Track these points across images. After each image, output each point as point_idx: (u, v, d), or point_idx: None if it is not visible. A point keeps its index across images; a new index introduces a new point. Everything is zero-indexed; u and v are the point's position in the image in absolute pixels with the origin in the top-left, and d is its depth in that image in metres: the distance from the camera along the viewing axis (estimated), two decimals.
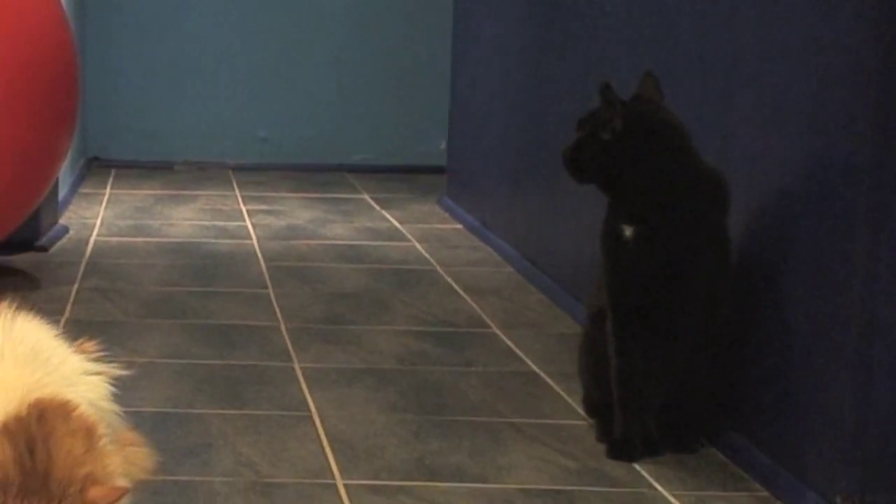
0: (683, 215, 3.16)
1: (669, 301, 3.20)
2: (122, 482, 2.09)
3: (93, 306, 4.54)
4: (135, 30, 8.14)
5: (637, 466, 3.19)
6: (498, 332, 4.41)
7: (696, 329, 3.22)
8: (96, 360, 2.36)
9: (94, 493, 2.01)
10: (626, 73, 4.25)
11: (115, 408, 2.34)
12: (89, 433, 2.11)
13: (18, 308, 2.37)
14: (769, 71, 3.22)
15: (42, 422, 2.09)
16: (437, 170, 7.53)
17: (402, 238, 6.07)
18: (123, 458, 2.37)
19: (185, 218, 6.42)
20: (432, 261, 5.56)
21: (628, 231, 3.19)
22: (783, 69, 3.15)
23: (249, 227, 6.23)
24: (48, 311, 4.31)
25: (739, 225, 3.28)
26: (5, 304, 2.36)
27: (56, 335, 2.35)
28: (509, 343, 4.27)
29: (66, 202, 6.47)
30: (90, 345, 2.39)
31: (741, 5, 3.37)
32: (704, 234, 3.19)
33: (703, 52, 3.61)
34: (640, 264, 3.19)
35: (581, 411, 3.51)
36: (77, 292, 4.73)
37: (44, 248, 5.43)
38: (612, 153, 3.16)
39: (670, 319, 3.21)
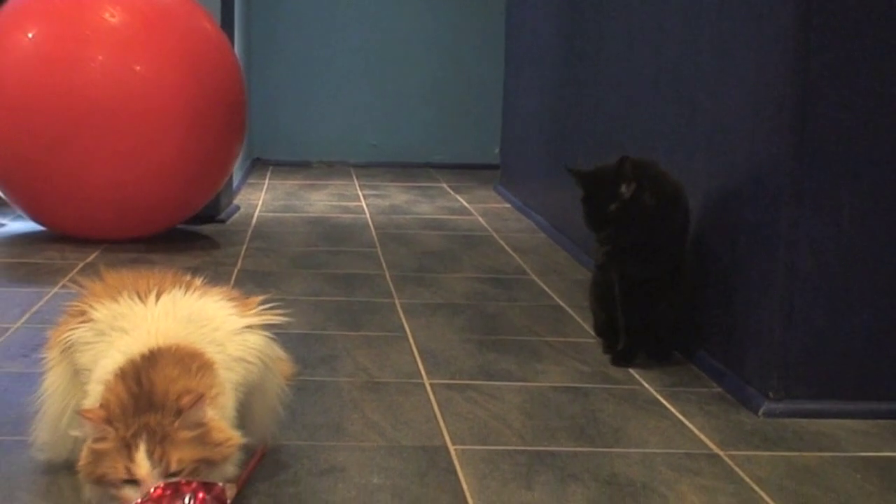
0: (661, 217, 3.13)
1: (653, 263, 3.18)
2: (212, 396, 2.11)
3: (256, 260, 4.55)
4: (286, 68, 8.15)
5: (631, 370, 3.18)
6: (535, 278, 4.40)
7: (670, 279, 3.21)
8: (256, 313, 2.35)
9: (184, 400, 2.03)
10: (620, 113, 4.24)
11: (266, 358, 2.32)
12: (189, 363, 2.12)
13: (196, 282, 2.37)
14: (720, 103, 3.21)
15: (148, 358, 2.11)
16: (494, 167, 7.52)
17: (469, 213, 6.06)
18: (270, 375, 2.39)
19: (319, 200, 6.42)
20: (489, 229, 5.55)
21: (627, 244, 3.16)
22: (728, 100, 3.14)
23: (364, 205, 6.23)
24: (226, 263, 4.38)
25: (700, 204, 3.27)
26: (186, 278, 2.37)
27: (224, 306, 2.33)
28: (542, 285, 4.26)
29: (238, 189, 6.50)
30: (254, 299, 2.38)
31: (701, 43, 3.36)
32: (671, 224, 3.17)
33: (677, 93, 3.60)
34: (637, 242, 3.16)
35: (592, 332, 3.51)
36: (245, 251, 4.75)
37: (222, 221, 5.45)
38: (632, 200, 3.09)
39: (654, 275, 3.20)
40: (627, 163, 3.05)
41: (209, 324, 2.25)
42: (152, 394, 2.04)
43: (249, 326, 2.29)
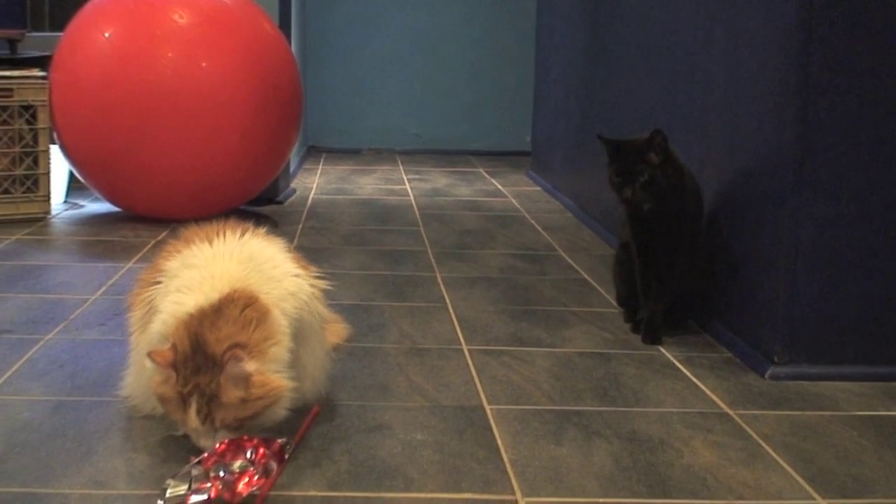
0: (677, 196, 3.11)
1: (668, 240, 3.17)
2: (261, 346, 2.11)
3: (311, 238, 4.57)
4: (338, 65, 8.16)
5: None
6: (562, 254, 4.40)
7: (685, 255, 3.20)
8: (311, 275, 2.39)
9: (225, 354, 2.05)
10: (639, 105, 4.22)
11: (316, 300, 2.36)
12: (250, 315, 2.12)
13: (258, 229, 2.41)
14: (730, 95, 3.20)
15: (216, 312, 2.11)
16: (525, 153, 7.52)
17: (503, 196, 6.06)
18: (320, 332, 2.41)
19: (368, 184, 6.43)
20: (522, 210, 5.55)
21: (646, 206, 3.12)
22: (737, 92, 3.13)
23: (408, 188, 6.23)
24: (283, 240, 4.38)
25: (712, 186, 3.26)
26: (249, 226, 2.40)
27: (282, 251, 2.37)
28: (570, 261, 4.26)
29: (295, 174, 6.51)
30: (311, 267, 2.42)
31: (712, 39, 3.35)
32: (686, 204, 3.15)
33: (690, 89, 3.59)
34: (652, 222, 3.14)
35: (614, 303, 3.51)
36: (301, 229, 4.76)
37: (280, 202, 5.47)
38: (658, 167, 3.07)
39: (669, 250, 3.18)
40: (660, 136, 3.04)
41: (269, 262, 2.30)
42: (206, 354, 2.06)
43: (303, 276, 2.34)
